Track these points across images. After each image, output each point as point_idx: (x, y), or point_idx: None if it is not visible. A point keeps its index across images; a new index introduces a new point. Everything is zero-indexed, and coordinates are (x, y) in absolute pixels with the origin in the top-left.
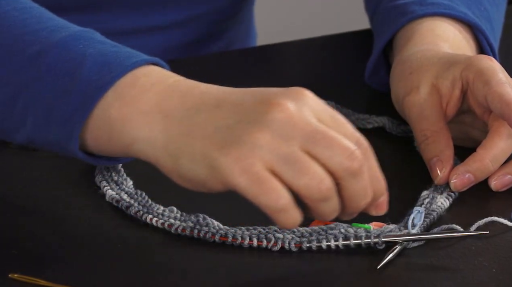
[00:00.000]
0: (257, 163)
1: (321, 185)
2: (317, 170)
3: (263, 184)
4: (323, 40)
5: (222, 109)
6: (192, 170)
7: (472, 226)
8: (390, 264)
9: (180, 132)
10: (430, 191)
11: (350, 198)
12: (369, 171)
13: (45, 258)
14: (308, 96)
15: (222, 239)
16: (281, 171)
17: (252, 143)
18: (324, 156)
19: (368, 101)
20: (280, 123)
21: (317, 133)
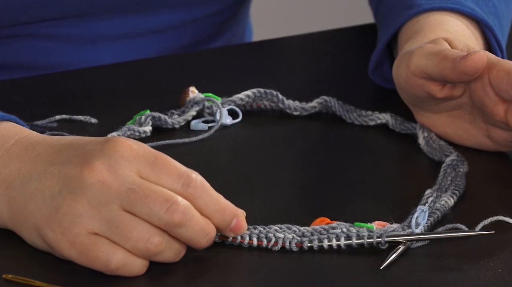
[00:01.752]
0: (80, 233)
1: (148, 245)
2: (142, 229)
3: (90, 252)
4: (325, 35)
5: (48, 177)
6: (34, 242)
7: (477, 225)
8: (393, 264)
9: (19, 204)
10: (434, 189)
11: (188, 242)
12: (205, 208)
13: (39, 258)
14: (124, 148)
15: (222, 238)
16: (107, 235)
17: (72, 214)
18: (143, 214)
19: (371, 97)
20: (95, 189)
21: (132, 193)
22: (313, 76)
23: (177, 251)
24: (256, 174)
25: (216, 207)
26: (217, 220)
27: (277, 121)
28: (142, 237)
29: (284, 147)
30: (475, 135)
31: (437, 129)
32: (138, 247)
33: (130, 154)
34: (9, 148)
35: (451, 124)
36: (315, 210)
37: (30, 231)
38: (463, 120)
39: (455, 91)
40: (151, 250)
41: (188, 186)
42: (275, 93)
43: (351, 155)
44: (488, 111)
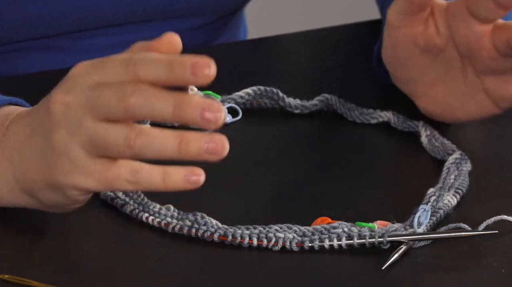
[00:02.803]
0: (86, 160)
1: (127, 142)
2: (115, 133)
3: (107, 173)
4: (326, 32)
5: (34, 136)
6: (55, 200)
7: (481, 224)
8: (395, 264)
9: (21, 172)
10: (437, 188)
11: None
12: (150, 70)
13: (36, 258)
14: (74, 69)
15: (221, 238)
16: (100, 152)
17: (64, 149)
18: (106, 114)
19: (373, 95)
20: (64, 115)
21: (89, 100)
22: (314, 74)
23: (165, 137)
24: (256, 173)
25: (160, 64)
26: (168, 77)
27: (277, 119)
28: (120, 139)
29: (284, 145)
30: (474, 95)
31: (439, 104)
32: (123, 149)
33: (82, 70)
34: (8, 125)
35: (448, 92)
36: (316, 210)
37: (44, 191)
38: (457, 82)
39: (437, 35)
40: (133, 146)
41: (128, 65)
42: (275, 91)
43: (353, 153)
44: (475, 48)
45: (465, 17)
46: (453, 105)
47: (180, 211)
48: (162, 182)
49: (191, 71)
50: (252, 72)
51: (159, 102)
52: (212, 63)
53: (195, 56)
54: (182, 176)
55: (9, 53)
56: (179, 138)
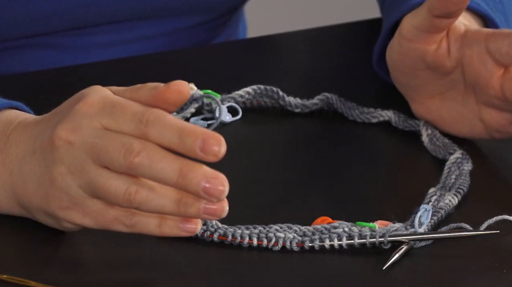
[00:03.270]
0: (83, 200)
1: (127, 196)
2: (117, 183)
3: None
4: (327, 30)
5: (34, 156)
6: (51, 224)
7: (482, 224)
8: (396, 264)
9: (20, 188)
10: (438, 188)
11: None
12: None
13: (34, 258)
14: (86, 106)
15: (221, 238)
16: (100, 198)
17: (64, 186)
18: (110, 165)
19: (373, 94)
20: (68, 154)
21: (95, 147)
22: (314, 73)
23: (165, 196)
24: (256, 172)
25: (172, 131)
26: (177, 146)
27: (277, 118)
28: (120, 190)
29: (284, 145)
30: (469, 118)
31: (432, 114)
32: (122, 201)
33: (90, 110)
34: (10, 134)
35: (444, 108)
36: (316, 209)
37: (40, 214)
38: (456, 102)
39: (448, 58)
40: (133, 200)
41: (140, 123)
42: (275, 90)
43: (353, 153)
44: (483, 84)
45: (481, 51)
46: (446, 120)
47: None
48: (157, 229)
49: (201, 146)
50: (252, 71)
51: (164, 169)
52: (222, 142)
53: (207, 131)
54: (178, 225)
55: (7, 51)
56: (179, 196)
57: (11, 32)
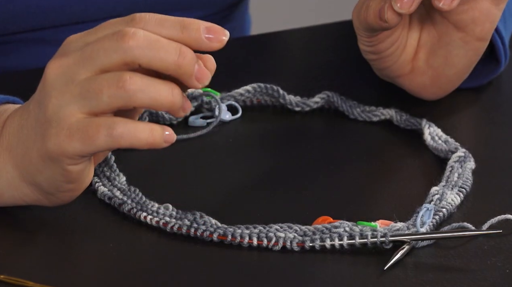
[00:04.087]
0: (71, 122)
1: (121, 84)
2: (109, 76)
3: (89, 131)
4: (327, 28)
5: (30, 113)
6: (47, 177)
7: (485, 224)
8: (397, 264)
9: (20, 155)
10: (440, 187)
11: (159, 63)
12: (160, 27)
13: (32, 258)
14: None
15: (220, 238)
16: (88, 107)
17: (55, 112)
18: (103, 61)
19: (375, 92)
20: (58, 76)
21: (85, 51)
22: (315, 71)
23: (159, 85)
24: (256, 172)
25: (171, 22)
26: (179, 35)
27: (278, 117)
28: (112, 80)
29: (285, 144)
30: (450, 40)
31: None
32: (114, 93)
33: (75, 35)
34: (6, 119)
35: (429, 53)
36: (317, 209)
37: (40, 170)
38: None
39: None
40: (127, 89)
41: (132, 20)
42: (276, 88)
43: (354, 151)
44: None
45: None
46: (438, 65)
47: (178, 210)
48: (149, 137)
49: (206, 32)
50: (252, 69)
51: (164, 47)
52: (225, 31)
53: (207, 22)
54: (163, 135)
55: (4, 45)
56: (173, 86)
57: (9, 26)
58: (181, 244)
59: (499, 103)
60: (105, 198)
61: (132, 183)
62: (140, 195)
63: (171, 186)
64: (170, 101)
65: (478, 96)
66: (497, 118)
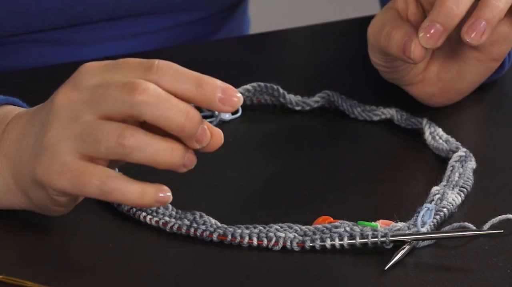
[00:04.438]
0: (65, 160)
1: (120, 139)
2: (112, 126)
3: (80, 178)
4: (327, 27)
5: (31, 127)
6: (37, 196)
7: (486, 224)
8: (398, 264)
9: (17, 166)
10: (441, 186)
11: (166, 125)
12: (175, 83)
13: (31, 258)
14: (87, 65)
15: (220, 238)
16: (86, 150)
17: (52, 143)
18: (109, 109)
19: (375, 92)
20: (65, 108)
21: (95, 93)
22: (315, 70)
23: (159, 145)
24: (256, 171)
25: (188, 78)
26: (195, 93)
27: (278, 116)
28: (113, 133)
29: (285, 143)
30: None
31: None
32: (112, 147)
33: (92, 66)
34: (7, 123)
35: (441, 68)
36: (317, 208)
37: (31, 189)
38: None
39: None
40: (126, 146)
41: (150, 69)
42: (276, 87)
43: (355, 151)
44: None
45: None
46: (450, 78)
47: (178, 209)
48: (137, 199)
49: (220, 95)
50: (252, 68)
51: (174, 109)
52: (240, 94)
53: (224, 83)
54: (156, 195)
55: (3, 46)
56: (174, 144)
57: (8, 28)
58: (181, 244)
59: (500, 102)
60: None
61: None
62: None
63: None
64: (168, 162)
65: (480, 95)
66: (499, 118)
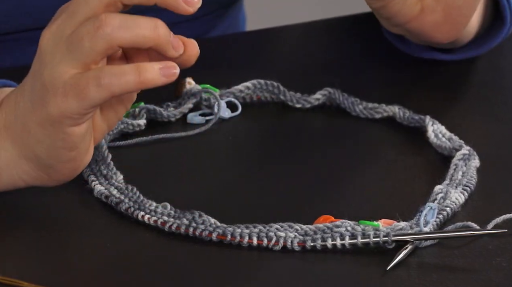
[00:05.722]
0: (64, 80)
1: (98, 25)
2: (86, 24)
3: (80, 84)
4: (329, 23)
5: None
6: (48, 145)
7: (489, 223)
8: (400, 264)
9: (17, 128)
10: (444, 185)
11: (142, 42)
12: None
13: (28, 258)
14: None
15: (220, 237)
16: (75, 58)
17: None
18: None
19: (377, 89)
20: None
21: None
22: (316, 67)
23: (139, 20)
24: (256, 170)
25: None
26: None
27: (278, 114)
28: (90, 25)
29: (285, 141)
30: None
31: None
32: (94, 38)
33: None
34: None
35: None
36: (318, 208)
37: (39, 139)
38: None
39: None
40: (105, 28)
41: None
42: (276, 84)
43: (356, 149)
44: None
45: None
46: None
47: (177, 209)
48: (137, 78)
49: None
50: (251, 65)
51: (141, 22)
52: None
53: None
54: (157, 69)
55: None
56: (154, 21)
57: (2, 26)
58: (180, 243)
59: (504, 100)
60: (102, 196)
61: (130, 181)
62: (138, 194)
63: (169, 185)
64: (154, 35)
65: (483, 93)
66: (503, 116)
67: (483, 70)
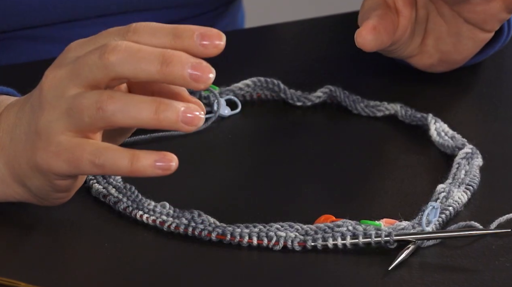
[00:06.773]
0: (59, 139)
1: (99, 105)
2: (91, 95)
3: (75, 153)
4: (330, 20)
5: (24, 114)
6: (36, 185)
7: (493, 223)
8: (402, 264)
9: (11, 155)
10: (446, 184)
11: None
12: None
13: (25, 258)
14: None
15: (219, 237)
16: (74, 126)
17: (45, 125)
18: (86, 76)
19: (379, 87)
20: (52, 88)
21: (74, 64)
22: (317, 65)
23: (140, 102)
24: (256, 169)
25: (164, 31)
26: (172, 43)
27: (278, 112)
28: (92, 100)
29: (285, 140)
30: (459, 31)
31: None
32: (94, 114)
33: (75, 43)
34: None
35: (437, 40)
36: (319, 207)
37: (29, 177)
38: (439, 25)
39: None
40: (105, 109)
41: (127, 32)
42: (276, 82)
43: (358, 148)
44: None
45: None
46: (447, 50)
47: (176, 208)
48: (129, 165)
49: (200, 39)
50: (251, 63)
51: (144, 57)
52: (222, 34)
53: (202, 26)
54: (151, 161)
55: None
56: (156, 103)
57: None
58: (179, 243)
59: (507, 98)
60: (100, 195)
61: (128, 180)
62: (136, 193)
63: (168, 184)
64: (154, 120)
65: (486, 91)
66: (506, 114)
67: (486, 69)
